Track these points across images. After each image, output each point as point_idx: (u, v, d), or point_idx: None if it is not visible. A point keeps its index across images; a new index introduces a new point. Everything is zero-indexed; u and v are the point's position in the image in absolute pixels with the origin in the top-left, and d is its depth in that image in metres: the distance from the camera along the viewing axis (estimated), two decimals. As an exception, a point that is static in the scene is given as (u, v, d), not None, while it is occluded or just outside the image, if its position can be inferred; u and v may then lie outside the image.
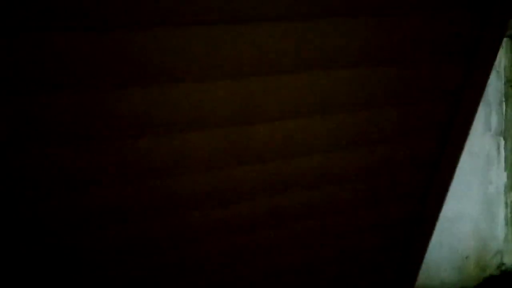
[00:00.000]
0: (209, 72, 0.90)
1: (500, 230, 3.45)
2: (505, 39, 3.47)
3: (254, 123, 1.01)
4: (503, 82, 3.44)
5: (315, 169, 1.18)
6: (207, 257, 1.25)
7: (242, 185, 1.12)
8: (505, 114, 3.44)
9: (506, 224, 3.45)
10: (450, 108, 1.18)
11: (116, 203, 1.02)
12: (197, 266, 1.26)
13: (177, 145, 0.98)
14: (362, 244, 1.40)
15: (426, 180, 1.32)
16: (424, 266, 3.17)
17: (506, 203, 3.44)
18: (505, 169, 3.42)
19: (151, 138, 0.95)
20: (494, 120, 3.41)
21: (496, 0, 1.01)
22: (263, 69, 0.94)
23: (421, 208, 1.37)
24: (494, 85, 3.41)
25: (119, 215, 1.05)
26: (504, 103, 3.44)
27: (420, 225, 1.40)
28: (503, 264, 3.43)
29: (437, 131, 1.22)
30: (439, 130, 1.22)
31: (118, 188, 1.00)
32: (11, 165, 0.87)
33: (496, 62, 3.41)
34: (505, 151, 3.43)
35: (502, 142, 3.42)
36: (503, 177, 3.43)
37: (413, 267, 1.52)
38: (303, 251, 1.35)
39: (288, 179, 1.17)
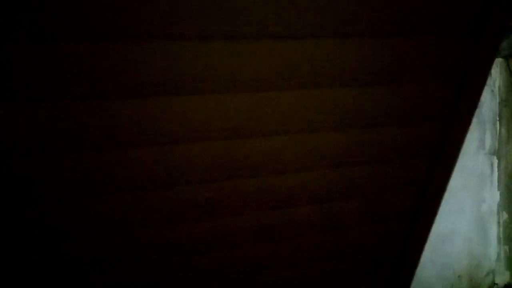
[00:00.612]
0: (203, 86, 0.91)
1: (493, 249, 3.45)
2: (499, 60, 3.53)
3: (246, 137, 1.02)
4: (497, 101, 3.48)
5: (306, 186, 1.18)
6: (197, 270, 1.24)
7: (232, 200, 1.12)
8: (499, 133, 3.47)
9: (499, 243, 3.45)
10: (442, 129, 1.20)
11: (110, 214, 1.02)
12: (185, 279, 1.25)
13: (169, 157, 0.98)
14: (353, 262, 1.40)
15: (417, 199, 1.33)
16: (416, 284, 3.15)
17: (498, 222, 3.44)
18: (498, 188, 3.43)
19: (143, 149, 0.95)
20: (488, 139, 3.44)
21: (487, 25, 1.04)
22: (257, 85, 0.95)
23: (412, 227, 1.37)
24: (489, 105, 3.45)
25: (112, 226, 1.05)
26: (498, 122, 3.47)
27: (410, 243, 1.40)
28: (495, 284, 3.42)
29: (428, 151, 1.23)
30: (431, 150, 1.24)
31: (110, 199, 1.00)
32: (13, 172, 0.88)
33: (491, 82, 3.46)
34: (498, 170, 3.45)
35: (496, 161, 3.44)
36: (496, 196, 3.44)
37: (403, 285, 1.52)
38: (292, 268, 1.35)
39: (279, 195, 1.17)
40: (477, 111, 3.41)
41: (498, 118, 3.55)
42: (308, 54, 0.94)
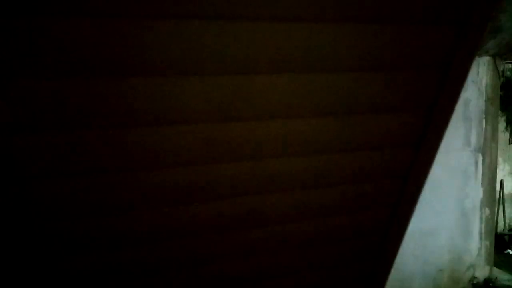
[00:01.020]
0: (196, 67, 0.90)
1: (474, 244, 3.51)
2: (487, 59, 3.57)
3: (232, 121, 1.02)
4: (484, 99, 3.53)
5: (290, 172, 1.18)
6: (180, 254, 1.24)
7: (217, 183, 1.12)
8: (485, 130, 3.53)
9: (480, 238, 3.51)
10: (425, 117, 1.20)
11: (94, 195, 1.02)
12: (170, 263, 1.25)
13: (159, 138, 0.97)
14: (333, 249, 1.41)
15: (398, 188, 1.33)
16: (398, 277, 3.19)
17: (481, 218, 3.50)
18: (482, 184, 3.49)
19: (127, 130, 0.94)
20: (474, 136, 3.49)
21: (471, 15, 1.04)
22: (246, 68, 0.94)
23: (393, 215, 1.38)
24: (476, 103, 3.50)
25: (96, 207, 1.04)
26: (484, 120, 3.53)
27: (389, 234, 1.41)
28: (475, 277, 3.49)
29: (411, 139, 1.24)
30: (413, 139, 1.24)
31: (94, 181, 0.99)
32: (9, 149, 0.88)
33: (478, 80, 3.51)
34: (482, 167, 3.51)
35: (480, 158, 3.50)
36: (480, 192, 3.50)
37: (381, 276, 1.53)
38: (273, 255, 1.35)
39: (260, 180, 1.17)
40: (464, 108, 3.46)
41: (484, 116, 3.60)
42: (295, 39, 0.94)
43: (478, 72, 3.60)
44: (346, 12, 0.94)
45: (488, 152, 3.62)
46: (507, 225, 5.00)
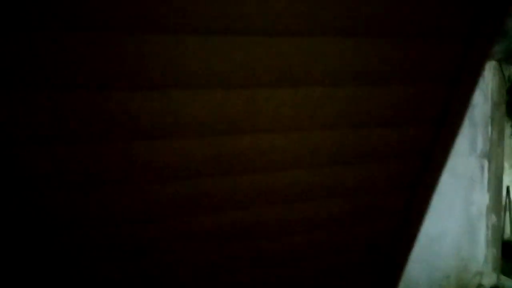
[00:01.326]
0: (199, 81, 0.91)
1: (481, 251, 3.49)
2: (493, 63, 3.56)
3: (240, 134, 1.02)
4: (490, 104, 3.52)
5: (298, 184, 1.18)
6: (186, 264, 1.25)
7: (225, 195, 1.12)
8: (491, 136, 3.51)
9: (487, 245, 3.49)
10: (433, 130, 1.21)
11: (105, 207, 1.03)
12: (177, 272, 1.26)
13: (166, 151, 0.99)
14: (342, 260, 1.41)
15: (407, 199, 1.34)
16: (405, 283, 3.18)
17: (487, 225, 3.48)
18: (488, 190, 3.47)
19: (138, 143, 0.95)
20: (480, 142, 3.48)
21: (480, 28, 1.04)
22: (251, 82, 0.95)
23: (402, 226, 1.38)
24: (481, 108, 3.48)
25: (109, 218, 1.05)
26: (490, 125, 3.51)
27: (400, 242, 1.41)
28: (482, 285, 3.46)
29: (419, 151, 1.24)
30: (422, 151, 1.24)
31: (106, 191, 1.00)
32: (14, 163, 0.89)
33: (484, 86, 3.50)
34: (488, 173, 3.49)
35: (486, 164, 3.48)
36: (486, 198, 3.48)
37: (391, 284, 1.53)
38: (281, 266, 1.36)
39: (269, 192, 1.17)
40: (470, 113, 3.44)
41: (490, 121, 3.58)
42: (302, 52, 0.94)
43: (483, 77, 3.59)
44: (353, 26, 0.94)
45: (494, 158, 3.60)
46: (514, 231, 4.96)
